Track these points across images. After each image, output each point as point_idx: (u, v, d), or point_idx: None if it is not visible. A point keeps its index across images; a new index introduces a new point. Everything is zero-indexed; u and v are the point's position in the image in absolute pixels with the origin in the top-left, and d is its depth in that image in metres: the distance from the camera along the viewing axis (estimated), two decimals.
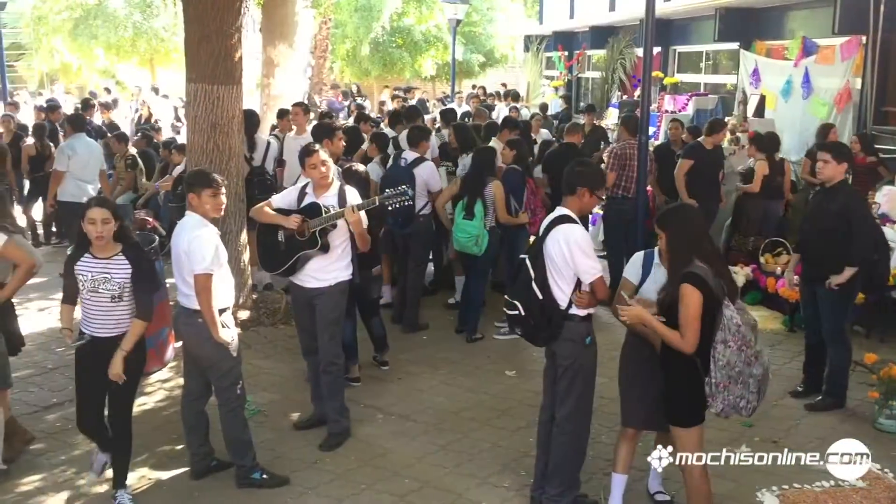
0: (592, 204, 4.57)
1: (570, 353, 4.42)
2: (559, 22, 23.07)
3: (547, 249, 4.36)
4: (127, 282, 4.35)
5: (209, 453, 4.97)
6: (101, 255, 4.35)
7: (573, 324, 4.37)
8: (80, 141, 9.16)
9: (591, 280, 4.29)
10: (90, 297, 4.36)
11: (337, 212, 5.17)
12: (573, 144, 8.58)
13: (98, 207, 4.29)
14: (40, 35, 27.96)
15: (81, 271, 4.35)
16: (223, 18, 7.00)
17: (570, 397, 4.46)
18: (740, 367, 3.84)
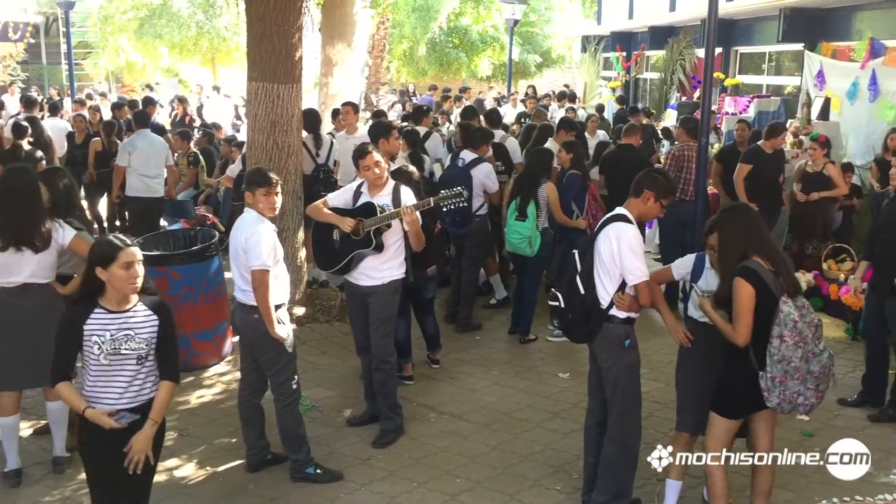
0: (654, 211, 4.47)
1: (608, 356, 4.39)
2: (618, 22, 22.86)
3: (597, 245, 4.34)
4: (154, 337, 3.57)
5: (265, 447, 5.04)
6: (119, 307, 3.53)
7: (612, 325, 4.33)
8: (143, 137, 9.35)
9: (635, 282, 4.24)
10: (110, 363, 3.50)
11: (392, 212, 5.19)
12: (630, 146, 8.49)
13: (131, 247, 3.52)
14: (106, 34, 28.65)
15: (96, 331, 3.47)
16: (284, 18, 7.09)
17: (615, 401, 4.43)
18: (796, 362, 3.83)
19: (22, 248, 4.67)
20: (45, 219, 4.76)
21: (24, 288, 4.74)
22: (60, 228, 4.83)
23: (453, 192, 5.27)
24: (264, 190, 4.68)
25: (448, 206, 5.33)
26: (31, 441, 5.29)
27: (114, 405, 3.54)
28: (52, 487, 4.81)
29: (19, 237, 4.66)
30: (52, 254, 4.79)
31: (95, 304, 3.52)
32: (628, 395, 4.43)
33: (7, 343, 4.74)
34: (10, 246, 4.65)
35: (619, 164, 8.29)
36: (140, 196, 9.22)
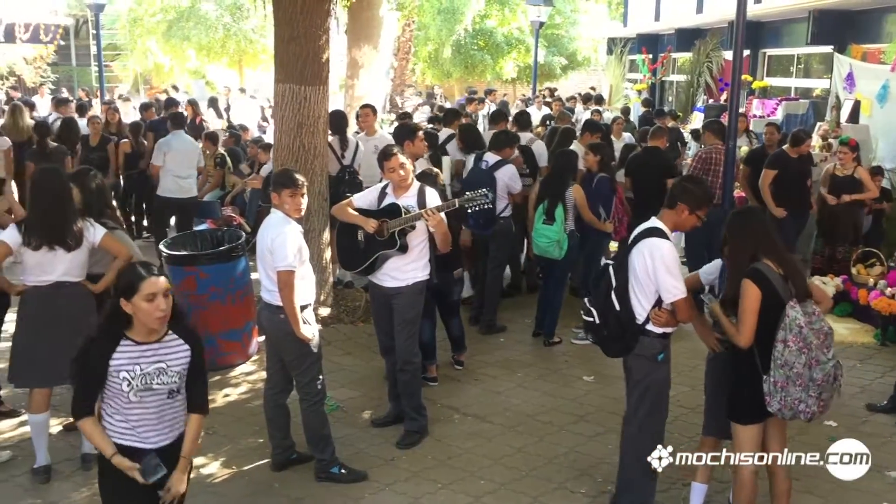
0: (690, 223, 4.35)
1: (640, 370, 4.35)
2: (644, 24, 22.77)
3: (631, 260, 4.26)
4: (186, 369, 3.34)
5: (290, 446, 5.07)
6: (148, 338, 3.28)
7: (648, 339, 4.28)
8: (178, 138, 9.47)
9: (672, 300, 4.17)
10: (139, 399, 3.24)
11: (416, 213, 5.19)
12: (657, 148, 8.45)
13: (156, 277, 3.24)
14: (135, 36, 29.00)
15: (125, 366, 3.21)
16: (312, 20, 7.14)
17: (638, 414, 4.39)
18: (799, 368, 3.80)
19: (55, 247, 4.75)
20: (76, 218, 4.84)
21: (57, 286, 4.82)
22: (91, 227, 4.91)
23: (478, 193, 5.27)
24: (290, 191, 4.70)
25: (473, 207, 5.33)
26: (60, 438, 5.35)
27: (142, 445, 3.29)
28: (81, 484, 4.87)
29: (52, 236, 4.73)
30: (83, 252, 4.87)
31: (122, 335, 3.25)
32: (653, 410, 4.37)
33: (41, 340, 4.82)
34: (43, 245, 4.72)
35: (646, 167, 8.25)
36: (173, 196, 9.32)
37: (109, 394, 3.25)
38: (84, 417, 3.29)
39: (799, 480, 4.73)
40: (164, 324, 3.26)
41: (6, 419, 5.67)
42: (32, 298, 4.85)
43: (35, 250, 4.73)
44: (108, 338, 3.25)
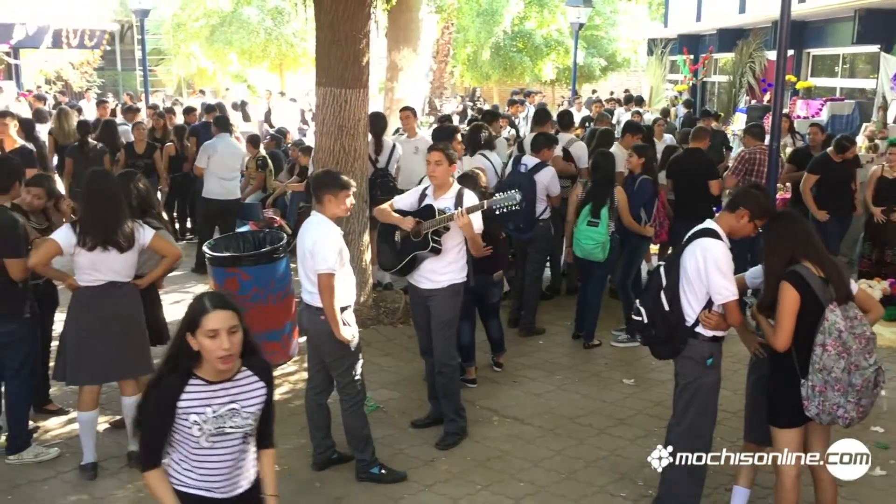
0: (747, 230, 4.26)
1: (689, 373, 4.29)
2: (685, 24, 22.57)
3: (682, 261, 4.21)
4: (261, 409, 3.01)
5: (331, 446, 5.11)
6: (219, 377, 2.92)
7: (697, 342, 4.22)
8: (223, 140, 9.60)
9: (722, 302, 4.11)
10: (211, 445, 2.90)
11: (447, 214, 5.16)
12: (699, 150, 8.36)
13: (221, 310, 2.83)
14: (179, 41, 29.47)
15: (195, 408, 2.85)
16: (353, 24, 7.19)
17: (686, 418, 4.34)
18: (837, 373, 3.73)
19: (108, 248, 4.85)
20: (128, 219, 4.94)
21: (109, 286, 4.92)
22: (141, 228, 5.01)
23: (507, 195, 5.19)
24: (334, 192, 4.75)
25: (501, 209, 5.21)
26: (107, 435, 5.45)
27: (212, 495, 2.96)
28: (126, 481, 4.96)
29: (106, 237, 4.83)
30: (134, 253, 4.98)
31: (190, 373, 2.89)
32: (701, 414, 4.31)
33: (93, 339, 4.93)
34: (97, 246, 4.82)
35: (687, 168, 8.17)
36: (217, 198, 9.46)
37: (177, 438, 2.90)
38: (150, 469, 2.92)
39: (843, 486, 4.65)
40: (230, 364, 2.87)
41: (54, 417, 5.79)
42: (85, 298, 4.95)
43: (90, 251, 4.83)
44: (174, 376, 2.88)
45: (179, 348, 2.88)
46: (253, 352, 2.99)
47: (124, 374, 5.08)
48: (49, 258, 4.90)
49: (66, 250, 4.84)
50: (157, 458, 2.92)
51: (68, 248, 4.83)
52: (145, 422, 2.93)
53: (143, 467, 2.93)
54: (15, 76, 24.60)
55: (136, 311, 5.08)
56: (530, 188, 7.26)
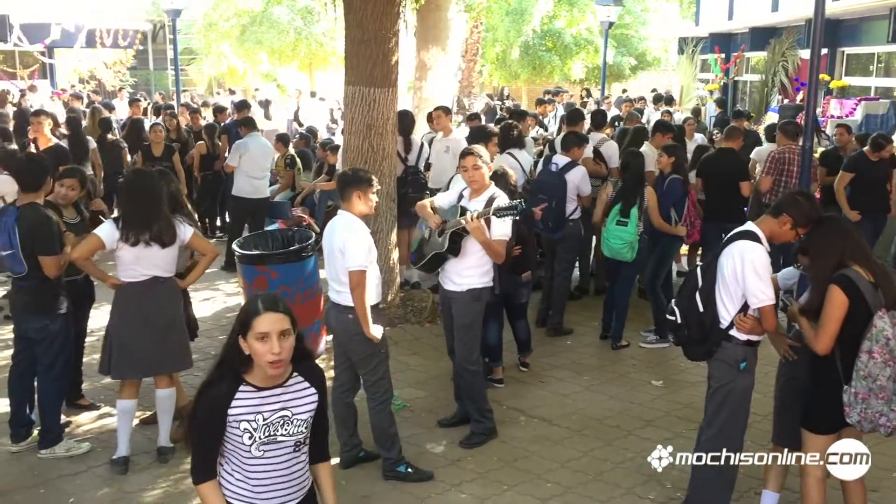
0: (787, 237, 4.17)
1: (721, 376, 4.23)
2: (717, 23, 22.34)
3: (720, 262, 4.14)
4: (313, 416, 2.88)
5: (357, 444, 5.12)
6: (270, 383, 2.79)
7: (731, 346, 4.16)
8: (254, 139, 9.70)
9: (759, 305, 4.04)
10: (263, 454, 2.79)
11: (460, 218, 5.11)
12: (731, 150, 8.27)
13: (273, 313, 2.70)
14: (210, 41, 29.73)
15: (245, 415, 2.74)
16: (381, 23, 7.20)
17: (717, 421, 4.29)
18: (883, 381, 3.68)
19: (151, 244, 4.92)
20: (170, 217, 5.02)
21: (151, 281, 5.01)
22: (182, 225, 5.08)
23: (510, 204, 4.99)
24: (361, 190, 4.76)
25: (504, 216, 5.03)
26: (138, 430, 5.50)
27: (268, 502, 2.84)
28: (157, 476, 5.02)
29: (149, 234, 4.92)
30: (175, 249, 5.06)
31: (241, 380, 2.77)
32: (732, 418, 4.25)
33: (136, 334, 5.02)
34: (140, 241, 4.90)
35: (719, 168, 8.09)
36: (247, 197, 9.54)
37: (228, 447, 2.79)
38: (203, 481, 2.80)
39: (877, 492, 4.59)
40: (280, 370, 2.75)
41: (86, 412, 5.87)
42: (128, 293, 5.04)
43: (133, 246, 4.91)
44: (225, 382, 2.76)
45: (230, 352, 2.77)
46: (306, 357, 2.89)
47: (166, 370, 5.18)
48: (91, 253, 4.99)
49: (108, 245, 4.94)
50: (209, 469, 2.81)
51: (111, 243, 4.92)
52: (195, 430, 2.80)
53: (196, 479, 2.81)
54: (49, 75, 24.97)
55: (178, 307, 5.18)
56: (560, 187, 7.23)
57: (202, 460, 2.81)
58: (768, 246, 4.12)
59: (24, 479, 4.97)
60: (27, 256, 5.02)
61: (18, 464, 5.15)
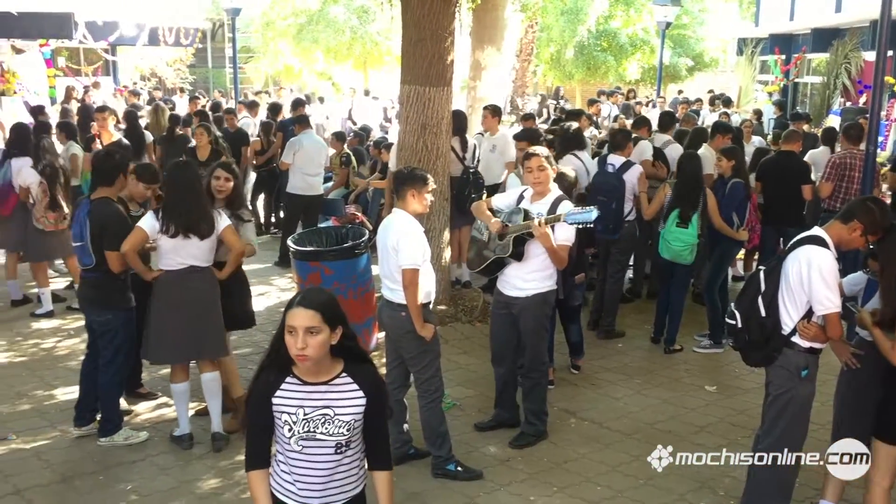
0: (856, 244, 4.08)
1: (782, 383, 4.15)
2: (777, 23, 21.91)
3: (785, 266, 4.07)
4: (359, 419, 2.80)
5: (407, 441, 5.15)
6: (315, 378, 2.80)
7: (792, 352, 4.08)
8: (308, 137, 9.83)
9: (824, 312, 3.96)
10: (301, 449, 2.79)
11: (527, 222, 5.06)
12: (791, 153, 8.10)
13: (303, 309, 2.70)
14: (268, 39, 30.12)
15: (286, 408, 2.77)
16: (438, 22, 7.22)
17: (776, 430, 4.21)
18: None
19: (189, 235, 5.04)
20: (209, 208, 5.14)
21: (189, 270, 5.14)
22: (219, 217, 5.18)
23: (585, 210, 4.93)
24: (416, 189, 4.78)
25: (576, 223, 4.96)
26: (193, 421, 5.59)
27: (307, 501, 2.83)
28: (211, 466, 5.12)
29: (188, 224, 5.04)
30: (213, 240, 5.18)
31: (288, 371, 2.79)
32: (792, 426, 4.17)
33: (171, 321, 5.17)
34: (179, 232, 5.02)
35: (780, 172, 7.93)
36: (301, 193, 9.66)
37: (277, 438, 2.84)
38: (252, 469, 2.86)
39: None
40: (306, 364, 2.72)
41: (144, 401, 6.01)
42: (166, 282, 5.20)
43: (172, 237, 5.05)
44: (271, 371, 2.80)
45: (277, 343, 2.77)
46: (361, 359, 2.86)
47: (200, 355, 5.33)
48: (138, 245, 5.13)
49: (151, 236, 5.10)
50: (258, 458, 2.85)
51: (153, 234, 5.08)
52: (248, 418, 2.86)
53: (246, 466, 2.88)
54: (112, 72, 25.58)
55: (214, 296, 5.28)
56: (619, 188, 7.18)
57: (252, 448, 2.86)
58: (835, 252, 4.02)
59: (84, 465, 5.12)
60: (95, 250, 5.20)
61: (80, 451, 5.30)
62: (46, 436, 5.48)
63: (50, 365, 6.71)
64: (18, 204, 7.65)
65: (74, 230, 5.38)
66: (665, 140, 8.81)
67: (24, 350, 7.02)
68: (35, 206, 7.55)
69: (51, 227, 7.55)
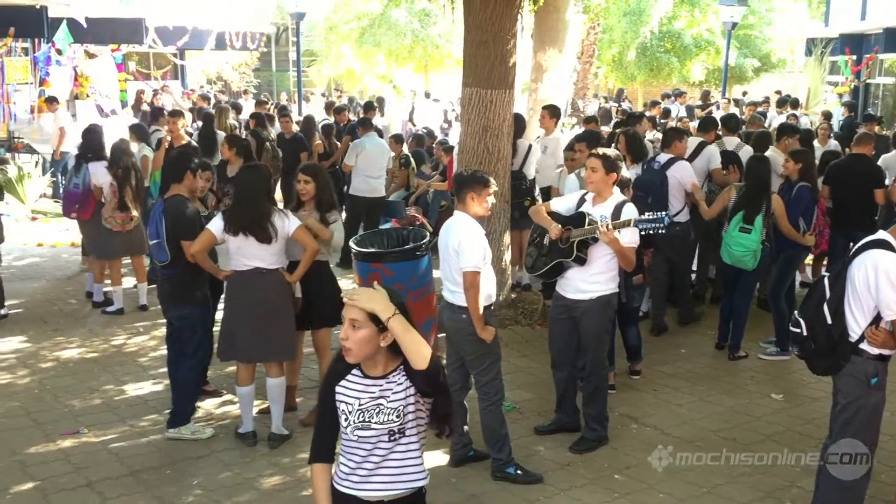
0: None
1: (850, 391, 4.04)
2: (848, 23, 21.31)
3: (850, 272, 3.97)
4: (409, 407, 2.83)
5: (468, 443, 5.16)
6: (374, 372, 2.86)
7: (861, 360, 3.96)
8: (370, 139, 9.92)
9: (893, 318, 3.85)
10: (358, 439, 2.84)
11: (592, 227, 5.02)
12: (863, 156, 7.88)
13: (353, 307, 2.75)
14: (331, 43, 30.52)
15: (345, 398, 2.85)
16: (501, 25, 7.23)
17: (843, 439, 4.09)
18: None
19: (248, 236, 5.16)
20: (269, 213, 5.21)
21: (255, 272, 5.25)
22: (286, 218, 5.25)
23: (655, 216, 4.96)
24: (476, 190, 4.79)
25: (647, 230, 4.99)
26: (257, 420, 5.69)
27: (359, 493, 2.87)
28: (274, 464, 5.21)
29: (244, 225, 5.16)
30: (279, 243, 5.25)
31: (356, 364, 2.87)
32: (860, 436, 4.06)
33: (238, 320, 5.30)
34: (239, 232, 5.15)
35: (849, 175, 7.72)
36: (363, 195, 9.75)
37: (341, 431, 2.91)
38: (315, 461, 2.95)
39: None
40: (349, 357, 2.79)
41: (211, 398, 6.14)
42: (233, 282, 5.34)
43: (234, 236, 5.17)
44: (341, 363, 2.88)
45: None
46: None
47: (266, 357, 5.42)
48: (207, 246, 5.29)
49: (218, 237, 5.23)
50: (322, 451, 2.94)
51: (219, 234, 5.21)
52: (318, 408, 2.98)
53: (309, 458, 2.96)
54: (181, 76, 26.20)
55: (280, 298, 5.35)
56: (656, 183, 7.07)
57: (317, 440, 2.95)
58: None
59: (152, 459, 5.25)
60: (171, 245, 5.37)
61: (148, 445, 5.45)
62: (116, 430, 5.65)
63: (120, 361, 6.91)
64: (97, 207, 7.92)
65: (150, 229, 5.57)
66: (736, 143, 8.65)
67: (96, 346, 7.24)
68: (105, 205, 7.80)
69: (118, 227, 7.78)
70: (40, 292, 8.85)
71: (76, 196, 8.01)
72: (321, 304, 5.58)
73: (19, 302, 8.43)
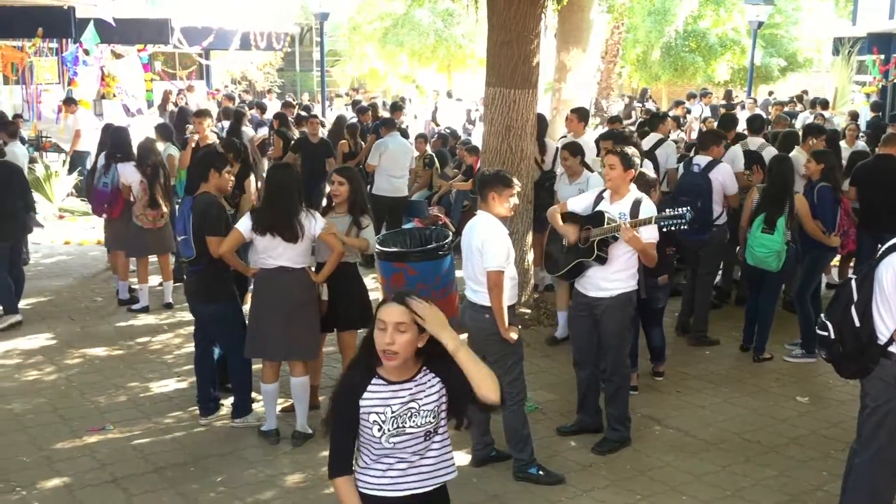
0: None
1: (879, 395, 3.96)
2: (876, 22, 21.04)
3: (878, 273, 3.90)
4: (442, 405, 2.86)
5: (490, 443, 5.15)
6: (399, 377, 2.83)
7: (890, 363, 3.89)
8: (394, 139, 9.96)
9: None
10: (394, 445, 2.80)
11: (612, 225, 5.02)
12: (890, 156, 7.77)
13: (395, 305, 2.75)
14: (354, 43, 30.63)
15: (375, 408, 2.79)
16: (524, 24, 7.22)
17: (873, 444, 4.02)
18: None
19: (275, 235, 5.19)
20: (295, 213, 5.23)
21: (280, 271, 5.28)
22: (312, 219, 5.28)
23: (676, 212, 4.95)
24: (498, 191, 4.79)
25: (668, 226, 5.01)
26: (280, 417, 5.72)
27: (393, 493, 2.85)
28: (297, 462, 5.23)
29: (269, 224, 5.19)
30: (305, 243, 5.28)
31: (374, 373, 2.82)
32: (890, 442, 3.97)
33: (264, 318, 5.34)
34: (266, 232, 5.19)
35: (875, 176, 7.62)
36: (386, 195, 9.78)
37: (363, 440, 2.85)
38: (338, 475, 2.86)
39: None
40: (393, 362, 2.74)
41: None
42: (260, 280, 5.40)
43: (261, 235, 5.21)
44: (357, 372, 2.85)
45: (366, 343, 2.83)
46: (439, 355, 2.80)
47: (290, 356, 5.46)
48: (235, 245, 5.34)
49: (246, 236, 5.28)
50: (344, 463, 2.87)
51: (248, 234, 5.26)
52: (332, 421, 2.87)
53: (331, 473, 2.88)
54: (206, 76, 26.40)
55: (305, 297, 5.38)
56: (705, 187, 7.03)
57: (337, 453, 2.87)
58: None
59: (176, 456, 5.30)
60: (197, 241, 5.43)
61: (172, 442, 5.49)
62: (141, 427, 5.70)
63: (145, 359, 6.98)
64: (126, 205, 8.03)
65: (178, 226, 5.65)
66: (760, 143, 8.57)
67: (122, 344, 7.32)
68: (135, 203, 7.90)
69: (149, 224, 7.89)
70: (67, 290, 8.96)
71: (105, 195, 8.17)
72: (348, 305, 5.61)
73: (46, 299, 8.55)
